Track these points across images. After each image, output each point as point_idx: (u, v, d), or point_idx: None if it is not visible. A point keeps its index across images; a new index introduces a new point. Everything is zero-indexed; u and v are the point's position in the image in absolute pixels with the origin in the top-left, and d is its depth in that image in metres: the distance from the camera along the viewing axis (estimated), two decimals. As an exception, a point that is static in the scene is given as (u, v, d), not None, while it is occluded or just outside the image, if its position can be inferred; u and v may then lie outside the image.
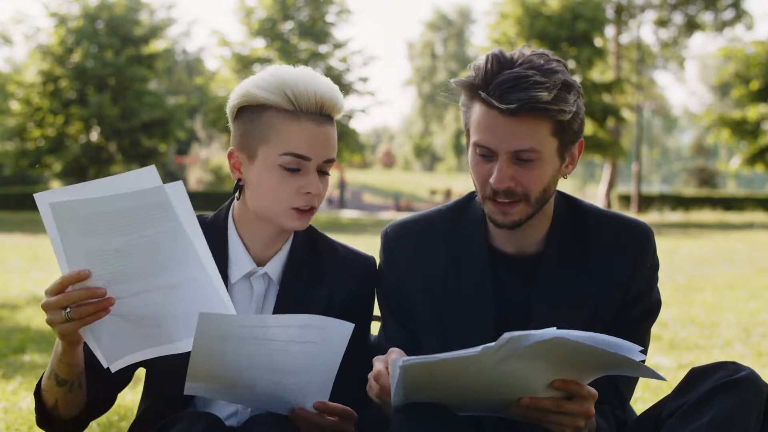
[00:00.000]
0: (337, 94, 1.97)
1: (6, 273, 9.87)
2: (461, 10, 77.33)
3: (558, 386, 1.73)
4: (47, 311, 1.73)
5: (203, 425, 1.78)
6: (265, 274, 2.04)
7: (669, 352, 5.25)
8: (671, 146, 77.44)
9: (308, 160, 1.93)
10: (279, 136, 1.92)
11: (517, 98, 1.85)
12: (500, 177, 1.91)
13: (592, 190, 48.36)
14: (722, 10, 38.82)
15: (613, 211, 2.11)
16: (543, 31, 30.98)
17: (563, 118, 1.89)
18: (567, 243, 2.05)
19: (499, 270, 2.05)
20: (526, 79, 1.86)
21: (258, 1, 33.00)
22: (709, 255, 13.40)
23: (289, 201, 1.95)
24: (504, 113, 1.88)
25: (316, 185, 1.95)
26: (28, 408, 3.68)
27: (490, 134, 1.91)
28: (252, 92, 1.95)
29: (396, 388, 1.75)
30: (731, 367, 1.82)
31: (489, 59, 1.91)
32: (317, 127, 1.94)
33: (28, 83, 29.57)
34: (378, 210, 41.90)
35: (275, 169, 1.93)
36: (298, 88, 1.92)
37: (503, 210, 1.95)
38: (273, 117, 1.93)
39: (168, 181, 1.70)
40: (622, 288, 2.03)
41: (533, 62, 1.90)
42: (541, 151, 1.91)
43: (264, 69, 2.02)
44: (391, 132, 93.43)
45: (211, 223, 2.07)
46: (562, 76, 1.89)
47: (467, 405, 1.81)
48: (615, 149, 31.47)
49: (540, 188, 1.94)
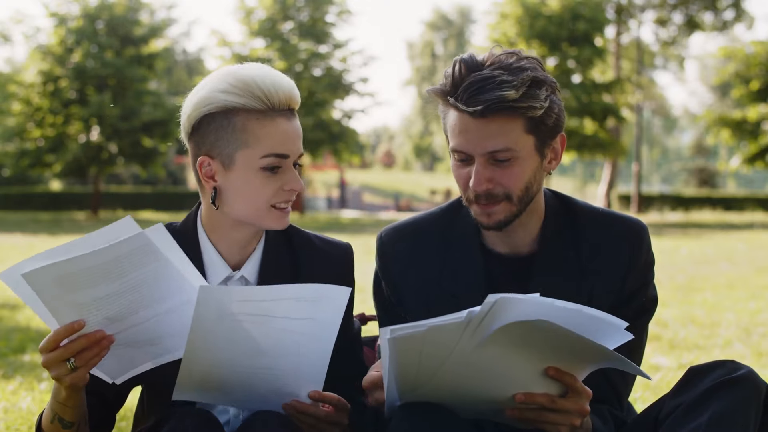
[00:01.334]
0: (292, 86, 1.96)
1: (6, 273, 9.86)
2: (461, 10, 77.29)
3: (553, 375, 1.73)
4: (50, 368, 1.73)
5: (195, 422, 1.78)
6: (242, 277, 2.03)
7: (669, 352, 5.25)
8: (671, 146, 77.42)
9: (287, 157, 1.93)
10: (258, 138, 1.90)
11: (484, 99, 1.86)
12: (478, 179, 1.93)
13: (592, 190, 48.34)
14: (722, 10, 38.82)
15: (606, 209, 2.11)
16: (543, 31, 30.97)
17: (534, 114, 1.89)
18: (560, 242, 2.05)
19: (493, 270, 2.05)
20: (492, 80, 1.87)
21: (258, 1, 32.99)
22: (709, 255, 13.40)
23: (271, 200, 1.94)
24: (474, 116, 1.89)
25: (297, 181, 1.95)
26: (28, 408, 3.68)
27: (464, 138, 1.92)
28: (218, 97, 1.90)
29: (388, 382, 1.74)
30: (730, 366, 1.82)
31: (456, 64, 1.92)
32: (289, 122, 1.93)
33: (28, 83, 29.56)
34: (378, 210, 41.90)
35: (257, 172, 1.92)
36: (267, 86, 1.90)
37: (486, 211, 1.96)
38: (246, 120, 1.90)
39: (168, 181, 1.71)
40: (617, 285, 2.03)
41: (501, 62, 1.91)
42: (516, 150, 1.91)
43: (211, 74, 1.98)
44: (391, 132, 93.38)
45: (180, 230, 2.04)
46: (532, 73, 1.89)
47: (465, 406, 1.81)
48: (615, 149, 31.47)
49: (520, 187, 1.95)
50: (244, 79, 1.90)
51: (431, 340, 1.67)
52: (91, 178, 32.21)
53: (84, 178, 34.92)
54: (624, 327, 1.69)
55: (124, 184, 43.93)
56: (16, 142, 29.72)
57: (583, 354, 1.72)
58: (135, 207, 36.40)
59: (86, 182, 39.61)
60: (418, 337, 1.66)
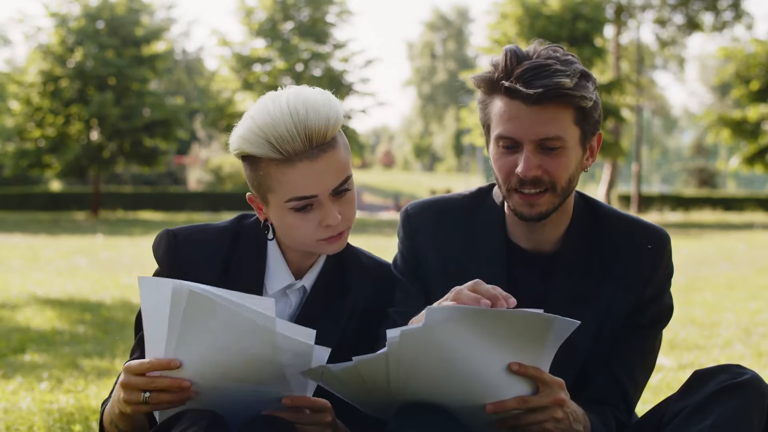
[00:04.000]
0: (324, 118, 1.86)
1: (6, 273, 9.86)
2: (460, 10, 77.30)
3: (517, 370, 1.72)
4: (125, 390, 1.73)
5: (206, 423, 1.77)
6: (302, 286, 2.04)
7: (669, 353, 5.25)
8: (671, 146, 77.39)
9: (314, 197, 1.89)
10: (279, 184, 1.88)
11: (542, 84, 1.87)
12: (527, 165, 1.91)
13: (592, 190, 48.32)
14: (722, 10, 38.80)
15: (632, 215, 2.12)
16: (543, 31, 30.94)
17: (585, 105, 1.91)
18: (584, 243, 2.05)
19: (514, 264, 2.05)
20: (547, 68, 1.88)
21: (258, 1, 32.98)
22: (709, 255, 13.39)
23: (313, 235, 1.92)
24: (527, 102, 1.88)
25: (333, 216, 1.90)
26: (28, 408, 3.68)
27: (515, 124, 1.91)
28: (242, 148, 1.90)
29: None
30: (734, 370, 1.82)
31: (507, 53, 1.93)
32: (313, 163, 1.86)
33: (28, 83, 29.54)
34: (378, 210, 41.87)
35: (288, 212, 1.91)
36: (280, 134, 1.83)
37: (530, 201, 1.95)
38: (267, 167, 1.88)
39: (167, 181, 1.71)
40: (636, 291, 2.02)
41: (550, 54, 1.92)
42: (565, 139, 1.92)
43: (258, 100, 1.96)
44: (391, 132, 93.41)
45: (255, 227, 2.05)
46: (580, 66, 1.91)
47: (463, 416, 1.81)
48: (615, 149, 31.45)
49: (566, 177, 1.95)
50: (261, 128, 1.85)
51: (366, 372, 1.74)
52: (91, 178, 32.18)
53: (84, 178, 34.89)
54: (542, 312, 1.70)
55: (124, 184, 43.90)
56: (16, 142, 29.71)
57: (525, 333, 1.71)
58: (135, 207, 36.38)
59: (86, 182, 39.56)
60: (352, 370, 1.74)
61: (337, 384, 1.80)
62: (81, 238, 16.88)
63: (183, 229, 2.03)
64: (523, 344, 1.72)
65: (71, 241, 16.12)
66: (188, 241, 2.01)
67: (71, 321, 6.41)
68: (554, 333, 1.73)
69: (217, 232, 2.04)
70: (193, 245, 2.01)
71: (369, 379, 1.75)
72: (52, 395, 3.92)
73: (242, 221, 2.07)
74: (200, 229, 2.04)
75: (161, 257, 2.02)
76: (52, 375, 4.39)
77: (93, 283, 8.87)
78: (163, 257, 2.01)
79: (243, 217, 2.08)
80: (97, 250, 13.43)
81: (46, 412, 3.57)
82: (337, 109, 1.89)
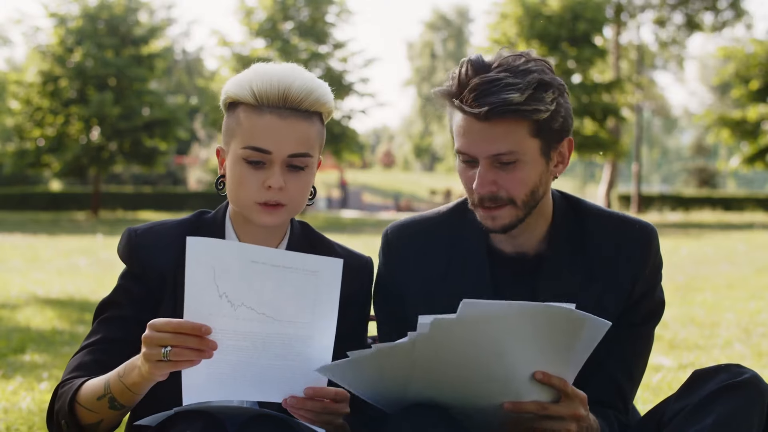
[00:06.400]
0: (309, 89, 1.93)
1: (6, 273, 9.87)
2: (460, 10, 77.29)
3: (541, 379, 1.71)
4: (146, 345, 1.70)
5: (202, 424, 1.77)
6: None
7: (669, 352, 5.25)
8: (671, 146, 77.38)
9: (268, 153, 1.92)
10: (243, 130, 1.93)
11: (488, 102, 1.84)
12: (481, 182, 1.91)
13: (592, 190, 48.32)
14: (722, 10, 38.82)
15: (616, 211, 2.09)
16: (543, 31, 30.96)
17: (539, 117, 1.87)
18: (567, 243, 2.03)
19: (499, 271, 2.04)
20: (497, 83, 1.85)
21: (258, 1, 32.98)
22: (709, 255, 13.39)
23: (254, 196, 1.94)
24: (478, 118, 1.87)
25: (276, 179, 1.92)
26: (28, 408, 3.68)
27: (468, 140, 1.90)
28: (227, 89, 1.98)
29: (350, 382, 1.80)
30: (734, 370, 1.82)
31: (463, 65, 1.90)
32: (280, 120, 1.92)
33: (28, 83, 29.55)
34: (378, 210, 41.88)
35: (240, 163, 1.94)
36: (263, 82, 1.92)
37: (491, 215, 1.94)
38: (241, 112, 1.94)
39: (167, 181, 1.71)
40: (625, 288, 2.00)
41: (509, 64, 1.88)
42: (520, 153, 1.89)
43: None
44: (391, 132, 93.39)
45: (210, 221, 2.07)
46: (538, 76, 1.86)
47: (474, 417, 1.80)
48: (615, 149, 31.46)
49: (525, 191, 1.93)
50: (250, 74, 1.95)
51: (386, 361, 1.73)
52: (91, 178, 32.19)
53: (84, 178, 34.91)
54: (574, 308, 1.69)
55: (124, 184, 43.92)
56: (16, 141, 29.71)
57: (557, 332, 1.69)
58: (135, 207, 36.38)
59: (86, 182, 39.58)
60: (372, 357, 1.73)
61: (351, 374, 1.78)
62: (81, 238, 16.89)
63: (143, 225, 2.07)
64: (555, 345, 1.70)
65: (71, 241, 16.13)
66: (146, 234, 2.04)
67: (71, 321, 6.41)
68: (587, 333, 1.71)
69: (176, 224, 2.07)
70: (151, 238, 2.04)
71: (388, 366, 1.73)
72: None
73: (202, 216, 2.09)
74: (159, 224, 2.08)
75: (122, 253, 2.05)
76: (52, 375, 4.39)
77: (93, 283, 8.88)
78: (123, 253, 2.04)
79: (203, 213, 2.10)
80: (97, 250, 13.43)
81: (46, 412, 3.57)
82: (324, 92, 1.96)
